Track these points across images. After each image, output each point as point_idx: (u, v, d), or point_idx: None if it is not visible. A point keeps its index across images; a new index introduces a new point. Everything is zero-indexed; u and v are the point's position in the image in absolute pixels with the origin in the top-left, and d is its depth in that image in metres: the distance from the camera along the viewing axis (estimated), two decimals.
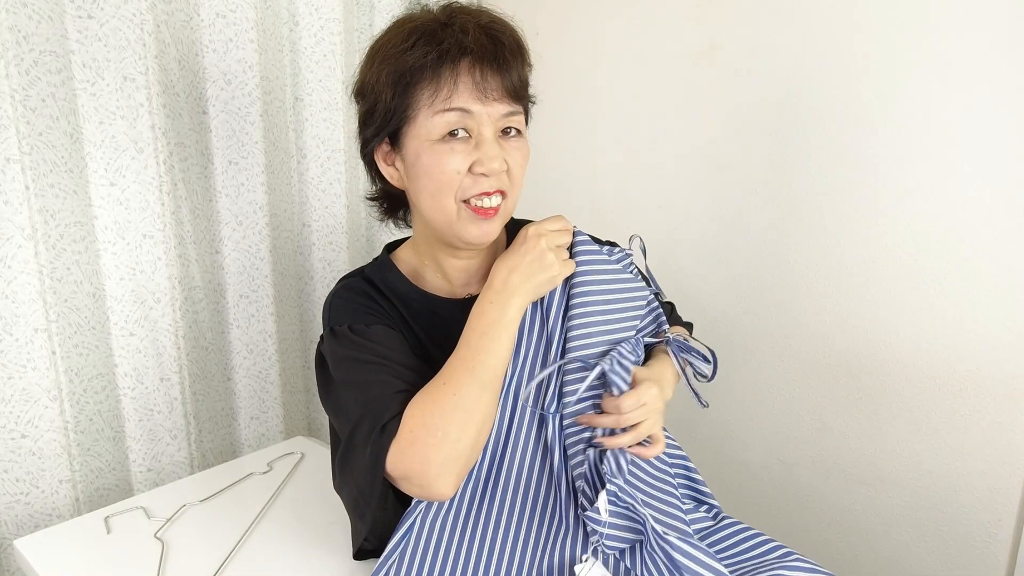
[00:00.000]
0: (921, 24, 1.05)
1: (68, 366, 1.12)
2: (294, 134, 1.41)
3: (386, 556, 0.79)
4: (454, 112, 0.77)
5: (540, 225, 0.82)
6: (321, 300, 1.49)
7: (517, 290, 0.78)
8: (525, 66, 0.82)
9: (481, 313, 0.78)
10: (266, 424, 1.42)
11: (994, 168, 1.03)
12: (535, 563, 0.78)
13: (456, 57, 0.76)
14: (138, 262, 1.18)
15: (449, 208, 0.80)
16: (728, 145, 1.29)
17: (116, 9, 1.09)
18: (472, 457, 0.77)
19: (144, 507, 1.04)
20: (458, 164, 0.77)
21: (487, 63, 0.77)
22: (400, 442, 0.73)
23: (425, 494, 0.75)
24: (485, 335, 0.77)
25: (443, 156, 0.78)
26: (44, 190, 1.06)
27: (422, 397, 0.75)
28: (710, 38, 1.28)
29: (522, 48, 0.81)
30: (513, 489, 0.81)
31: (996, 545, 1.11)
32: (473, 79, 0.77)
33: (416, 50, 0.76)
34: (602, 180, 1.49)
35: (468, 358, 0.77)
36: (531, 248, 0.80)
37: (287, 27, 1.35)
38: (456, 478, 0.75)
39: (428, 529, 0.79)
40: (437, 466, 0.73)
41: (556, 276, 0.80)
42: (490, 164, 0.77)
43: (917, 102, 1.08)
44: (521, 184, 0.83)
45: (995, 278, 1.05)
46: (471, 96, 0.77)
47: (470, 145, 0.78)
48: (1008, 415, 1.07)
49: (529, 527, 0.79)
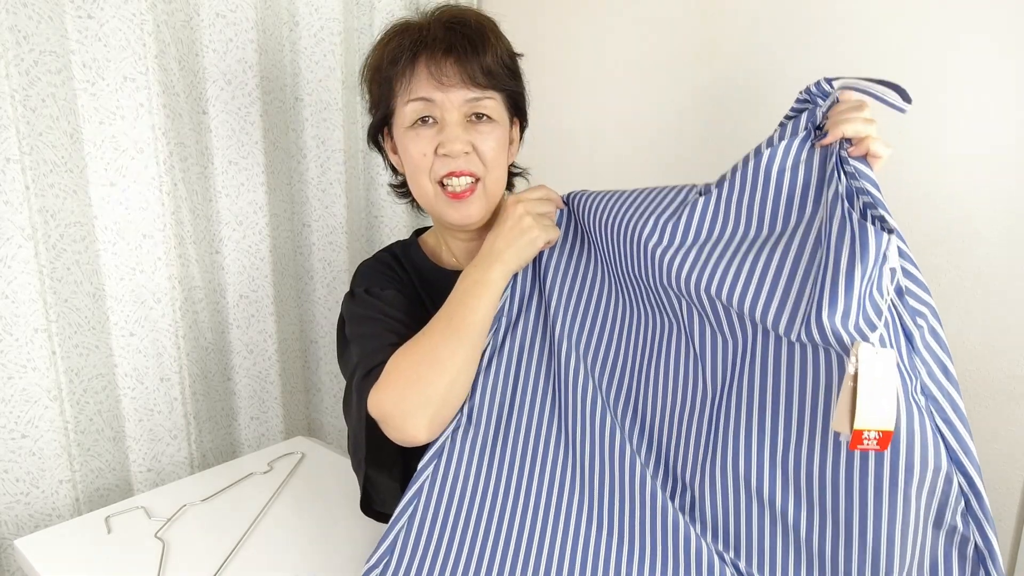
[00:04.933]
0: (921, 24, 1.05)
1: (68, 366, 1.12)
2: (294, 134, 1.41)
3: (394, 521, 0.79)
4: (417, 101, 0.86)
5: (520, 194, 0.88)
6: (321, 300, 1.49)
7: (500, 255, 0.84)
8: (492, 54, 0.86)
9: (466, 275, 0.85)
10: (266, 424, 1.42)
11: (994, 168, 1.03)
12: (543, 524, 0.77)
13: (417, 50, 0.85)
14: (138, 262, 1.18)
15: (427, 189, 0.89)
16: (728, 145, 1.29)
17: (116, 9, 1.09)
18: (445, 404, 0.80)
19: (144, 507, 1.04)
20: (424, 147, 0.86)
21: (443, 53, 0.84)
22: (379, 385, 0.79)
23: (400, 436, 0.79)
24: (467, 293, 0.83)
25: (412, 140, 0.87)
26: (44, 190, 1.06)
27: (404, 347, 0.81)
28: (710, 38, 1.28)
29: (485, 38, 0.86)
30: (522, 451, 0.81)
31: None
32: (429, 70, 0.85)
33: (390, 46, 0.87)
34: (602, 180, 1.49)
35: (448, 313, 0.82)
36: (510, 215, 0.86)
37: (287, 27, 1.35)
38: (428, 422, 0.78)
39: (438, 493, 0.80)
40: (408, 408, 0.77)
41: (536, 238, 0.85)
42: (451, 146, 0.85)
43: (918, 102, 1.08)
44: (499, 166, 0.90)
45: (995, 278, 1.05)
46: (429, 85, 0.85)
47: (435, 129, 0.86)
48: (1008, 415, 1.07)
49: (539, 488, 0.79)
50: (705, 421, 0.75)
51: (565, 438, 0.80)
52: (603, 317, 0.86)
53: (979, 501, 0.65)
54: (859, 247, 0.62)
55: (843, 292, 0.62)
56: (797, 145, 0.72)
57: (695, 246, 0.75)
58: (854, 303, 0.62)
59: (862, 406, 0.60)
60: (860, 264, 0.61)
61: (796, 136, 0.72)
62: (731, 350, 0.74)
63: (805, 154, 0.72)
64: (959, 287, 1.09)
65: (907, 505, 0.64)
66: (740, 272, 0.71)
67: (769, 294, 0.69)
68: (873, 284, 0.63)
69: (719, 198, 0.76)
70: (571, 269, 0.88)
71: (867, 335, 0.62)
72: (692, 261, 0.74)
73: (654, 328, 0.81)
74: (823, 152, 0.71)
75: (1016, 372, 1.06)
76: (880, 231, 0.62)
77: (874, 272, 0.62)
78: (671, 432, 0.78)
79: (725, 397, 0.74)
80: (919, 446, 0.63)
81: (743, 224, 0.74)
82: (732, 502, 0.72)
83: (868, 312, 0.63)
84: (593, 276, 0.87)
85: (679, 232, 0.77)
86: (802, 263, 0.68)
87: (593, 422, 0.79)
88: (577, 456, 0.79)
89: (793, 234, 0.70)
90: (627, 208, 0.82)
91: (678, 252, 0.76)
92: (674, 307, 0.79)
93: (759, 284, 0.69)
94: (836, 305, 0.62)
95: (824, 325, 0.62)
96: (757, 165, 0.73)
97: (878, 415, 0.61)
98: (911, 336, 0.66)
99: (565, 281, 0.87)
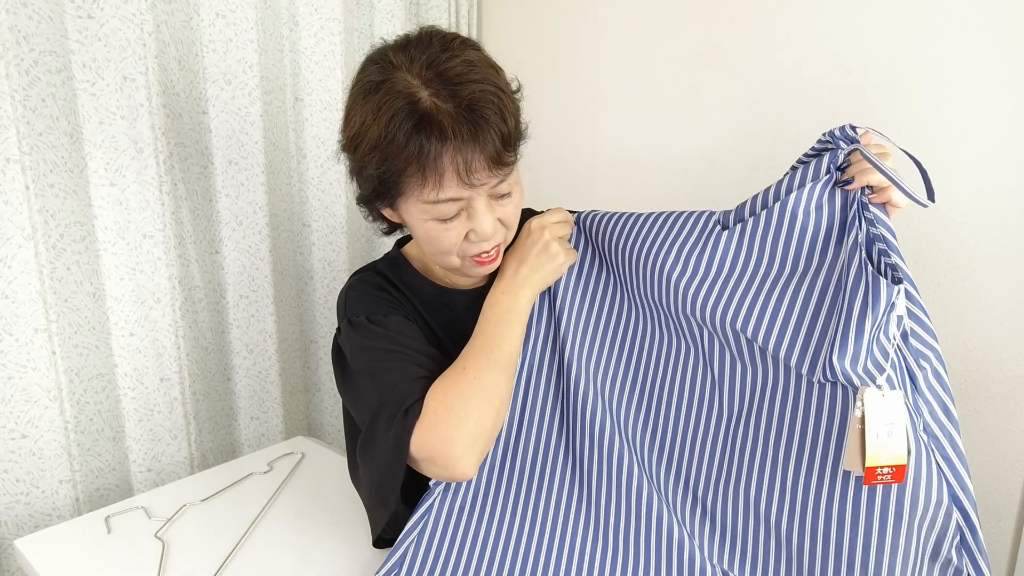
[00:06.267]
0: (921, 24, 1.05)
1: (68, 366, 1.12)
2: (294, 134, 1.41)
3: (403, 537, 0.80)
4: (443, 204, 0.76)
5: (543, 218, 0.88)
6: (321, 300, 1.49)
7: (527, 281, 0.84)
8: (511, 120, 0.76)
9: (495, 303, 0.83)
10: (266, 424, 1.42)
11: (995, 169, 1.03)
12: (551, 542, 0.78)
13: (439, 149, 0.73)
14: (138, 262, 1.18)
15: (451, 261, 0.84)
16: (728, 145, 1.29)
17: (116, 9, 1.09)
18: (491, 438, 0.79)
19: (144, 507, 1.04)
20: (455, 237, 0.80)
21: (469, 146, 0.73)
22: (423, 424, 0.75)
23: (448, 475, 0.76)
24: (500, 323, 0.82)
25: (440, 232, 0.80)
26: (44, 190, 1.06)
27: (443, 382, 0.78)
28: (710, 38, 1.28)
29: (504, 110, 0.75)
30: (530, 470, 0.83)
31: (996, 545, 1.11)
32: (457, 170, 0.74)
33: (394, 126, 0.73)
34: (601, 180, 1.49)
35: (484, 344, 0.80)
36: (536, 240, 0.85)
37: (287, 27, 1.35)
38: (477, 458, 0.77)
39: (447, 511, 0.81)
40: (460, 447, 0.75)
41: (561, 265, 0.86)
42: (483, 232, 0.79)
43: (918, 101, 1.08)
44: (517, 221, 0.85)
45: (995, 278, 1.05)
46: (458, 185, 0.75)
47: (463, 218, 0.79)
48: (1008, 415, 1.07)
49: (547, 507, 0.80)
50: (720, 443, 0.77)
51: (573, 457, 0.82)
52: (618, 335, 0.87)
53: (974, 535, 0.69)
54: (871, 297, 0.66)
55: (853, 337, 0.66)
56: (820, 188, 0.74)
57: (719, 279, 0.78)
58: (863, 348, 0.66)
59: (871, 445, 0.65)
60: (871, 313, 0.66)
61: (819, 180, 0.74)
62: (750, 378, 0.77)
63: (827, 196, 0.75)
64: (959, 287, 1.09)
65: (909, 538, 0.66)
66: (765, 309, 0.74)
67: (792, 333, 0.72)
68: (881, 329, 0.67)
69: (743, 233, 0.78)
70: (582, 288, 0.89)
71: (875, 376, 0.66)
72: (717, 295, 0.77)
73: (671, 349, 0.83)
74: (844, 196, 0.74)
75: (1016, 372, 1.06)
76: (891, 284, 0.66)
77: (882, 319, 0.66)
78: (689, 450, 0.80)
79: (743, 423, 0.76)
80: (924, 481, 0.66)
81: (766, 260, 0.77)
82: (741, 525, 0.74)
83: (876, 355, 0.67)
84: (605, 295, 0.89)
85: (703, 265, 0.79)
86: (824, 304, 0.72)
87: (601, 443, 0.80)
88: (584, 475, 0.80)
89: (817, 274, 0.74)
90: (646, 236, 0.83)
91: (702, 284, 0.78)
92: (694, 334, 0.81)
93: (783, 322, 0.73)
94: (846, 349, 0.66)
95: (835, 367, 0.66)
96: (783, 207, 0.76)
97: (888, 452, 0.65)
98: (915, 378, 0.70)
99: (575, 300, 0.88)
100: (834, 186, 0.74)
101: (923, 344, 0.71)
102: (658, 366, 0.84)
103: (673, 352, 0.83)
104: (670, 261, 0.80)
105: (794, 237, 0.76)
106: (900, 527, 0.66)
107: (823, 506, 0.70)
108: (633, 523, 0.77)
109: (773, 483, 0.73)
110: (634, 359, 0.85)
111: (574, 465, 0.81)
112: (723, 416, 0.78)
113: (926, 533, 0.68)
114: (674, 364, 0.83)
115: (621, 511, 0.78)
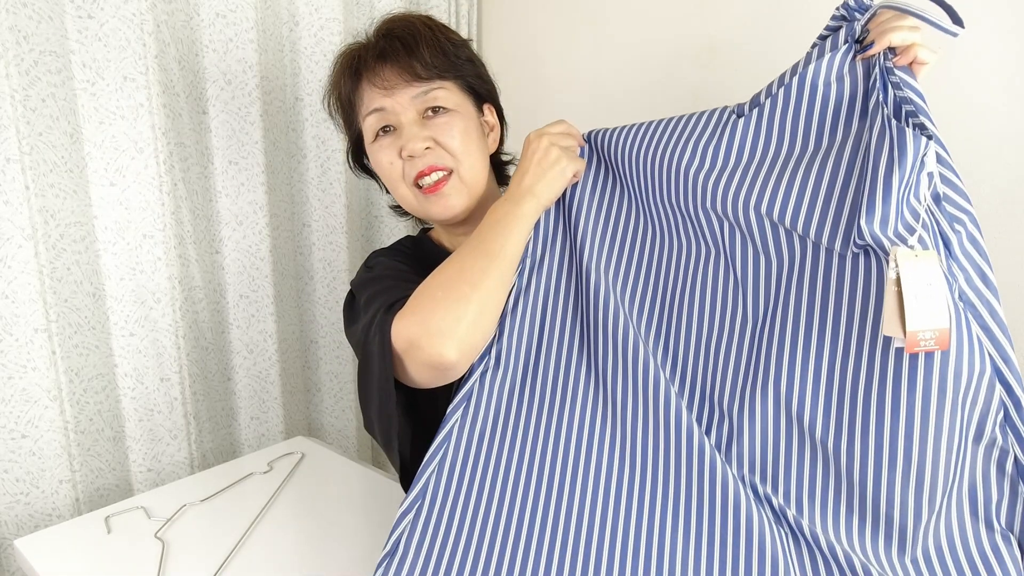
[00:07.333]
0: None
1: (68, 366, 1.12)
2: (294, 134, 1.41)
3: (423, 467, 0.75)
4: (371, 114, 0.87)
5: (541, 128, 0.86)
6: (321, 300, 1.49)
7: (530, 189, 0.81)
8: (428, 46, 0.85)
9: (495, 210, 0.81)
10: (266, 424, 1.42)
11: (995, 169, 1.03)
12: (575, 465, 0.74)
13: (358, 67, 0.87)
14: (138, 262, 1.18)
15: (407, 195, 0.88)
16: None
17: (116, 9, 1.09)
18: (476, 328, 0.74)
19: (144, 507, 1.04)
20: (389, 155, 0.86)
21: (378, 61, 0.86)
22: (403, 312, 0.73)
23: (427, 357, 0.71)
24: (497, 223, 0.79)
25: (377, 152, 0.88)
26: (44, 190, 1.06)
27: (430, 275, 0.77)
28: (710, 37, 1.28)
29: (416, 33, 0.86)
30: (551, 393, 0.78)
31: None
32: (372, 81, 0.86)
33: (337, 70, 0.91)
34: None
35: (476, 239, 0.78)
36: (536, 148, 0.83)
37: (287, 27, 1.35)
38: (458, 343, 0.71)
39: (467, 438, 0.76)
40: (437, 326, 0.70)
41: (566, 168, 0.82)
42: (410, 146, 0.84)
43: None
44: (470, 154, 0.87)
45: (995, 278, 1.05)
46: (377, 94, 0.86)
47: (395, 135, 0.86)
48: None
49: (570, 429, 0.76)
50: (745, 347, 0.73)
51: (595, 376, 0.78)
52: (633, 249, 0.83)
53: (1018, 411, 0.64)
54: (897, 151, 0.62)
55: (880, 198, 0.62)
56: (840, 58, 0.71)
57: (739, 167, 0.74)
58: (892, 209, 0.62)
59: (910, 308, 0.59)
60: (898, 169, 0.61)
61: (837, 50, 0.71)
62: (775, 271, 0.73)
63: (848, 67, 0.71)
64: None
65: (953, 418, 0.62)
66: (791, 189, 0.70)
67: (821, 210, 0.68)
68: (911, 190, 0.62)
69: (760, 116, 0.75)
70: (597, 203, 0.85)
71: (906, 239, 0.62)
72: (739, 182, 0.73)
73: (689, 257, 0.79)
74: (865, 64, 0.70)
75: None
76: (918, 135, 0.62)
77: (912, 177, 0.62)
78: (709, 361, 0.75)
79: (769, 320, 0.72)
80: (967, 350, 0.61)
81: (787, 141, 0.73)
82: (772, 431, 0.70)
83: (906, 217, 0.62)
84: (620, 209, 0.85)
85: (720, 154, 0.75)
86: (853, 177, 0.67)
87: (625, 355, 0.76)
88: (608, 393, 0.76)
89: (843, 148, 0.69)
90: (659, 137, 0.80)
91: (722, 174, 0.75)
92: (714, 232, 0.77)
93: (811, 199, 0.69)
94: (874, 212, 0.62)
95: (863, 232, 0.62)
96: (802, 80, 0.72)
97: (928, 315, 0.59)
98: (948, 242, 0.65)
99: (591, 215, 0.84)
100: (854, 57, 0.70)
101: (957, 208, 0.65)
102: (678, 275, 0.80)
103: (693, 258, 0.79)
104: (687, 156, 0.76)
105: (815, 111, 0.71)
106: (944, 405, 0.61)
107: (861, 393, 0.65)
108: (662, 443, 0.73)
109: (805, 378, 0.68)
110: (653, 271, 0.81)
111: (597, 384, 0.77)
112: (747, 319, 0.73)
113: (968, 410, 0.63)
114: (694, 270, 0.78)
115: (649, 430, 0.74)
